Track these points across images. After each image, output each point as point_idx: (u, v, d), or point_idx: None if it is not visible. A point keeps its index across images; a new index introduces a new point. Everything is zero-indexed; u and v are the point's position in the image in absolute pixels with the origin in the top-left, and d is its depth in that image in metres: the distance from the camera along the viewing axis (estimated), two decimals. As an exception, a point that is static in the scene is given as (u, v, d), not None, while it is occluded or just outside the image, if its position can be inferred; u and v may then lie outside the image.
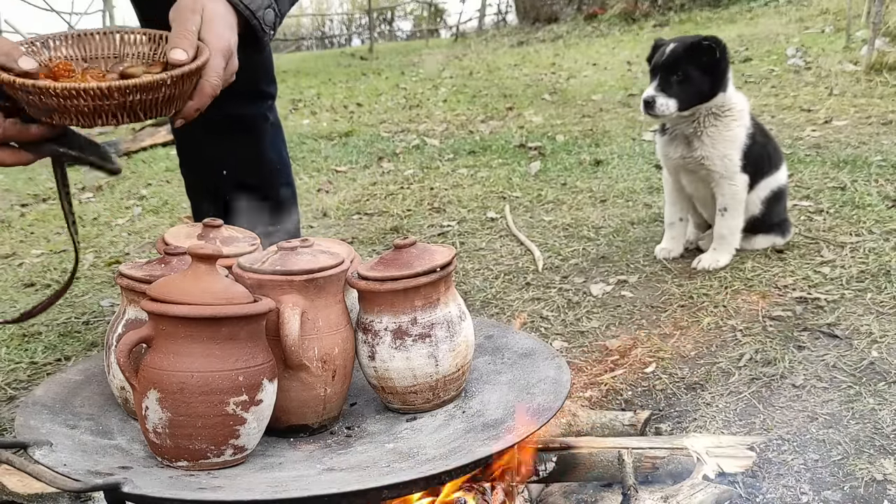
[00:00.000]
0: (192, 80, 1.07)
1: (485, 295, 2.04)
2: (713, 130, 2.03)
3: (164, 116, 1.09)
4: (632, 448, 1.15)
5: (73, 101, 0.98)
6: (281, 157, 1.82)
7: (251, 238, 1.17)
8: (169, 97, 1.04)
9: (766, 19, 8.31)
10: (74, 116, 1.01)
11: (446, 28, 17.76)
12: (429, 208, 2.95)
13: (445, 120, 4.98)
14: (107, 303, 2.18)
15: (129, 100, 1.00)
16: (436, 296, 1.03)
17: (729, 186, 2.05)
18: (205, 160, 1.75)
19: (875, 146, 3.10)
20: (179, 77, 1.02)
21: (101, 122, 1.02)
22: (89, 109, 0.99)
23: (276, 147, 1.80)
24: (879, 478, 1.18)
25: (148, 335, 0.88)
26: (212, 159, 1.72)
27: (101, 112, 1.00)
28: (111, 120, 1.02)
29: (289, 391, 0.98)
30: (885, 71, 4.46)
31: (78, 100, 0.98)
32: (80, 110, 1.00)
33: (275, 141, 1.79)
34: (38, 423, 0.96)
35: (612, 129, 4.11)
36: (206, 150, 1.72)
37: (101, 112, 1.00)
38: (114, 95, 0.99)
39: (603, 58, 7.55)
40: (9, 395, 1.67)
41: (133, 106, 1.01)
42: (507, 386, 1.09)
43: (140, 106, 1.02)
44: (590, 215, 2.64)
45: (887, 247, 2.05)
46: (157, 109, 1.04)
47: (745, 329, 1.71)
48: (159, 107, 1.04)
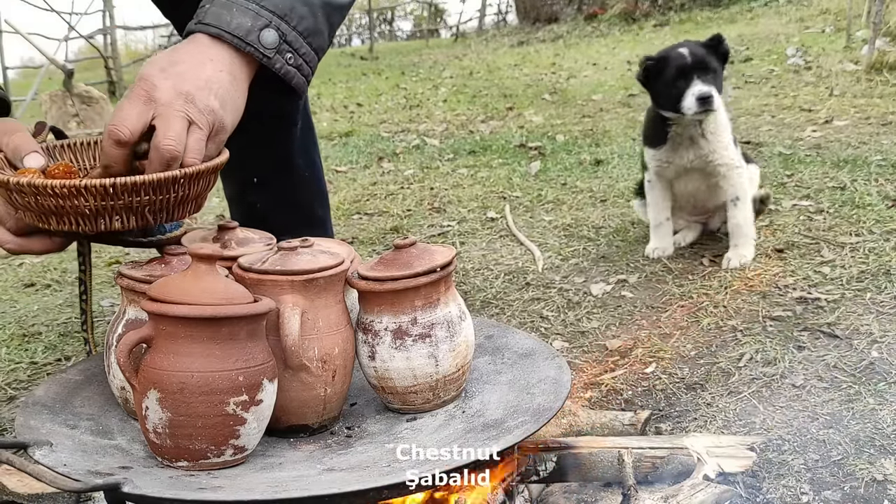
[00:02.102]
0: (210, 179, 0.97)
1: (485, 295, 2.03)
2: (713, 125, 2.05)
3: (176, 220, 1.00)
4: (632, 448, 1.15)
5: (73, 202, 0.89)
6: (312, 161, 1.67)
7: (267, 238, 1.16)
8: (182, 198, 0.94)
9: (767, 19, 8.31)
10: (73, 219, 0.91)
11: (446, 28, 17.77)
12: (429, 208, 2.95)
13: (445, 120, 4.98)
14: (107, 303, 2.18)
15: (136, 200, 0.90)
16: (436, 296, 1.03)
17: (737, 175, 2.07)
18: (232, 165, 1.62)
19: (875, 146, 3.10)
20: (194, 176, 0.93)
21: (105, 225, 0.92)
22: (91, 211, 0.90)
23: (306, 151, 1.65)
24: (880, 478, 1.18)
25: (148, 335, 0.88)
26: (238, 164, 1.59)
27: (105, 214, 0.91)
28: (114, 223, 0.92)
29: (289, 391, 0.98)
30: (886, 71, 4.46)
31: (79, 199, 0.88)
32: (80, 212, 0.90)
33: (305, 144, 1.65)
34: (38, 423, 0.96)
35: (612, 129, 4.11)
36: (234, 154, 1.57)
37: (104, 214, 0.91)
38: (119, 194, 0.89)
39: (603, 58, 7.55)
40: (9, 395, 1.67)
41: (141, 207, 0.91)
42: (507, 386, 1.09)
43: (149, 207, 0.92)
44: (590, 215, 2.64)
45: (887, 247, 2.05)
46: (169, 212, 0.95)
47: (745, 329, 1.71)
48: (171, 208, 0.95)
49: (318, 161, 1.72)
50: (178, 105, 0.93)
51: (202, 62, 0.98)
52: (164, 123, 0.92)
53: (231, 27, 1.00)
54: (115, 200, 0.90)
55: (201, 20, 1.01)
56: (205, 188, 0.99)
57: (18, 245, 1.02)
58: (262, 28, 1.01)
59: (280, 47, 1.03)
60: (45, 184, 0.89)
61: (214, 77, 0.97)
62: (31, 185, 0.89)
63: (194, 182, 0.95)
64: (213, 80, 0.97)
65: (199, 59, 0.98)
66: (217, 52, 1.00)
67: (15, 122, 1.06)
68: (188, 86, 0.94)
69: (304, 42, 1.05)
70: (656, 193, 2.17)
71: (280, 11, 1.03)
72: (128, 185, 0.89)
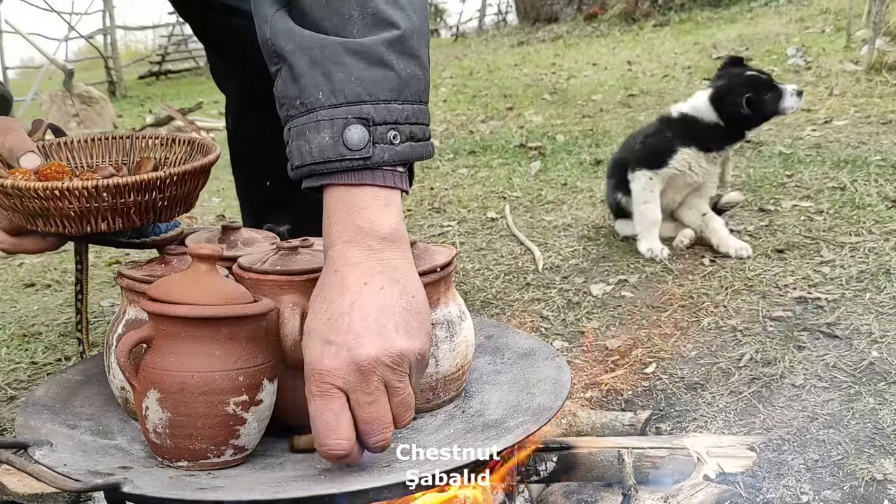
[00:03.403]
0: (198, 181, 0.96)
1: (485, 295, 2.03)
2: None
3: (165, 221, 0.99)
4: (632, 448, 1.15)
5: (58, 204, 0.87)
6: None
7: (271, 238, 1.15)
8: (170, 199, 0.94)
9: (767, 19, 8.31)
10: (59, 221, 0.90)
11: (446, 28, 17.75)
12: (429, 208, 2.95)
13: (445, 120, 4.98)
14: (107, 303, 2.18)
15: (120, 201, 0.89)
16: (436, 296, 1.03)
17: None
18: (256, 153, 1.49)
19: (875, 146, 3.10)
20: (181, 176, 0.92)
21: (91, 227, 0.91)
22: (76, 213, 0.89)
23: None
24: (880, 478, 1.18)
25: (148, 335, 0.88)
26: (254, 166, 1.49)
27: (90, 216, 0.90)
28: (100, 224, 0.91)
29: (289, 391, 0.98)
30: (886, 71, 4.46)
31: (62, 201, 0.87)
32: (66, 214, 0.89)
33: None
34: (38, 423, 0.96)
35: (612, 129, 4.10)
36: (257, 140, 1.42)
37: (89, 216, 0.90)
38: (103, 196, 0.88)
39: (603, 58, 7.55)
40: (9, 395, 1.67)
41: (126, 208, 0.90)
42: (507, 386, 1.09)
43: (134, 208, 0.91)
44: (590, 215, 2.64)
45: (887, 247, 2.05)
46: (157, 213, 0.94)
47: (745, 329, 1.71)
48: (158, 210, 0.94)
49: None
50: (365, 380, 0.77)
51: (356, 292, 0.78)
52: (360, 411, 0.78)
53: (312, 154, 0.80)
54: (99, 202, 0.89)
55: (293, 163, 0.82)
56: (193, 189, 0.97)
57: (12, 245, 1.02)
58: (344, 129, 0.79)
59: (374, 135, 0.79)
60: (28, 186, 0.87)
61: (377, 302, 0.78)
62: (15, 187, 0.88)
63: (180, 183, 0.93)
64: (383, 311, 0.78)
65: (350, 284, 0.79)
66: (358, 246, 0.79)
67: (12, 121, 1.05)
68: (364, 350, 0.77)
69: (401, 107, 0.81)
70: (652, 198, 2.23)
71: (350, 97, 0.78)
72: (111, 186, 0.88)
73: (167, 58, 13.21)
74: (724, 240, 2.17)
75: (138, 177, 0.90)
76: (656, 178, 2.22)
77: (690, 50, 7.12)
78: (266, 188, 1.56)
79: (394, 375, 0.78)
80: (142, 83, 12.77)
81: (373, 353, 0.76)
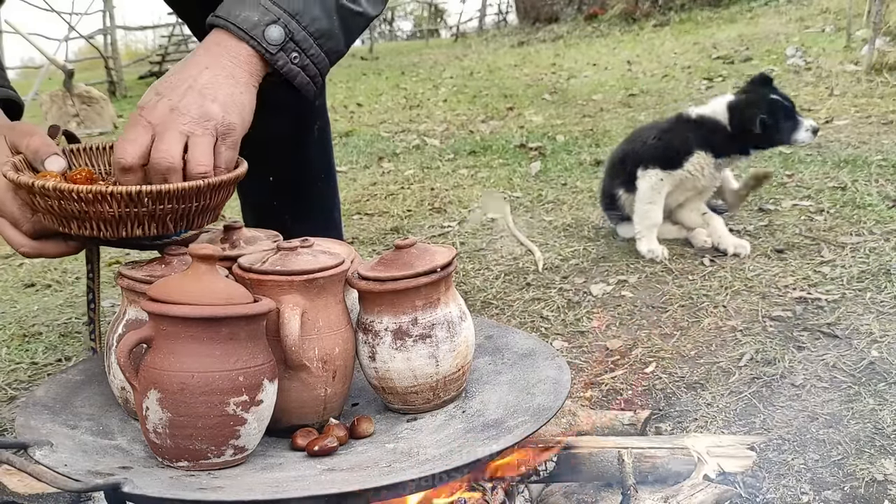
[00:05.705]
0: (230, 189, 0.99)
1: (485, 295, 2.04)
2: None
3: (195, 229, 1.01)
4: (632, 448, 1.15)
5: (98, 208, 0.89)
6: (328, 163, 1.64)
7: (274, 237, 1.15)
8: (203, 207, 0.96)
9: (766, 19, 8.31)
10: (96, 225, 0.92)
11: (446, 28, 17.78)
12: (429, 208, 2.95)
13: (446, 120, 4.99)
14: (107, 303, 2.18)
15: (159, 208, 0.91)
16: (436, 296, 1.03)
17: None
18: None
19: (875, 146, 3.10)
20: (217, 186, 0.94)
21: (126, 232, 0.93)
22: (114, 217, 0.91)
23: (324, 155, 1.63)
24: (880, 478, 1.18)
25: (148, 335, 0.88)
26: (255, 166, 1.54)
27: (128, 221, 0.92)
28: (136, 230, 0.93)
29: (289, 391, 0.98)
30: (886, 71, 4.46)
31: (103, 205, 0.89)
32: (104, 217, 0.91)
33: (323, 146, 1.62)
34: (38, 424, 0.96)
35: (612, 129, 4.11)
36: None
37: (127, 221, 0.92)
38: (143, 202, 0.90)
39: (603, 58, 7.56)
40: (9, 396, 1.67)
41: (163, 215, 0.93)
42: (507, 386, 1.09)
43: (171, 215, 0.93)
44: (590, 215, 2.64)
45: (887, 247, 2.05)
46: (190, 220, 0.96)
47: (745, 329, 1.71)
48: (192, 217, 0.96)
49: (333, 164, 1.71)
50: (171, 120, 0.94)
51: (197, 73, 0.98)
52: (157, 140, 0.94)
53: (238, 20, 1.01)
54: (139, 208, 0.91)
55: (214, 13, 1.03)
56: (224, 198, 1.00)
57: (33, 248, 1.03)
58: (269, 24, 1.01)
59: (285, 45, 1.03)
60: (70, 188, 0.89)
61: (210, 83, 0.97)
62: (57, 188, 0.89)
63: (216, 192, 0.96)
64: (208, 87, 0.97)
65: (193, 71, 0.98)
66: (216, 56, 1.00)
67: (32, 125, 1.07)
68: (179, 100, 0.95)
69: (313, 43, 1.06)
70: (655, 201, 2.22)
71: (291, 10, 1.03)
72: (153, 193, 0.90)
73: (167, 58, 13.21)
74: (724, 237, 2.17)
75: (179, 185, 0.92)
76: (667, 180, 2.21)
77: (690, 50, 7.13)
78: (267, 187, 1.57)
79: (198, 128, 0.95)
80: (142, 83, 12.77)
81: (186, 104, 0.95)
